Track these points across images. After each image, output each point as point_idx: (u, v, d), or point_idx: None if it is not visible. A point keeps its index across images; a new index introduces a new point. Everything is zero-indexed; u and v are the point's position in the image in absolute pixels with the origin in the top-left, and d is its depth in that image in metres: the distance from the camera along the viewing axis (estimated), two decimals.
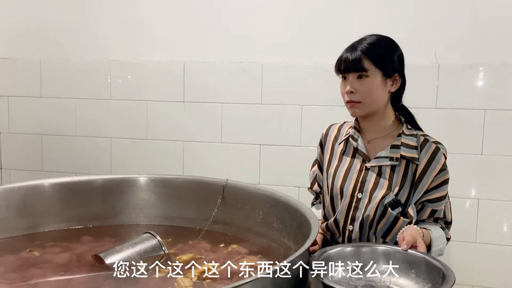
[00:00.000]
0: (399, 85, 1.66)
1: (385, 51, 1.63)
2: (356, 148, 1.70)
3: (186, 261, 1.55)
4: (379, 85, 1.61)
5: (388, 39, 1.67)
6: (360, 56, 1.59)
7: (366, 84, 1.60)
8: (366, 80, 1.60)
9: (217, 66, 2.76)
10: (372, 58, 1.59)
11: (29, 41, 3.03)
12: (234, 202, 1.84)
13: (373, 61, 1.59)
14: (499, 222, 2.49)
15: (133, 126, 2.92)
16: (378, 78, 1.60)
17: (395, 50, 1.65)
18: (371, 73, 1.59)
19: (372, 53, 1.60)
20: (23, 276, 1.49)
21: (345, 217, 1.68)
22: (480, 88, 2.45)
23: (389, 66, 1.61)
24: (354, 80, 1.61)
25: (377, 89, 1.61)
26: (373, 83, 1.60)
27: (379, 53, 1.61)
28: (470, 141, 2.46)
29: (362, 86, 1.60)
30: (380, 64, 1.60)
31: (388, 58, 1.62)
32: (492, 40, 2.42)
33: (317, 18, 2.62)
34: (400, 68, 1.65)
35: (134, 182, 1.96)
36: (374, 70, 1.59)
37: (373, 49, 1.60)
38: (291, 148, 2.71)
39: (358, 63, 1.59)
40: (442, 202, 1.66)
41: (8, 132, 3.11)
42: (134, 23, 2.88)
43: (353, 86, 1.61)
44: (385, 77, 1.61)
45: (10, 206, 1.77)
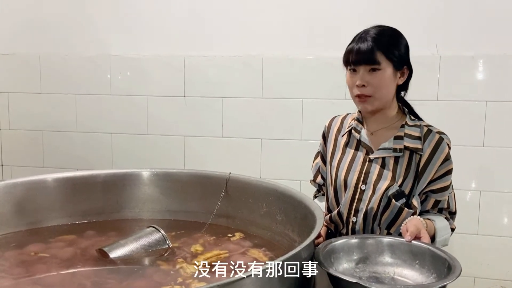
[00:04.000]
0: (406, 77, 1.65)
1: (394, 42, 1.60)
2: (359, 140, 1.70)
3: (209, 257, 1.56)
4: (389, 78, 1.59)
5: (393, 29, 1.65)
6: (372, 48, 1.55)
7: (378, 77, 1.57)
8: (378, 73, 1.57)
9: (217, 60, 2.75)
10: (384, 50, 1.56)
11: (28, 37, 3.01)
12: (237, 195, 1.84)
13: (384, 53, 1.56)
14: (501, 213, 2.50)
15: (133, 121, 2.92)
16: (389, 71, 1.58)
17: (402, 41, 1.63)
18: (383, 66, 1.57)
19: (384, 45, 1.57)
20: (28, 271, 1.49)
21: (349, 209, 1.68)
22: (481, 79, 2.45)
23: (399, 58, 1.59)
24: (365, 73, 1.58)
25: (388, 82, 1.59)
26: (384, 76, 1.57)
27: (390, 45, 1.58)
28: (472, 133, 2.46)
29: (374, 80, 1.57)
30: (391, 56, 1.57)
31: (398, 49, 1.60)
32: (494, 31, 2.42)
33: (318, 10, 2.61)
34: (407, 59, 1.64)
35: (137, 177, 1.96)
36: (386, 62, 1.57)
37: (384, 41, 1.58)
38: (292, 142, 2.71)
39: (371, 55, 1.55)
40: (446, 192, 1.66)
41: (8, 128, 3.11)
42: (133, 18, 2.86)
43: (365, 79, 1.58)
44: (395, 69, 1.60)
45: (13, 201, 1.77)
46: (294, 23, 2.65)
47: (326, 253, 1.32)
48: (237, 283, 1.01)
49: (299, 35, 2.65)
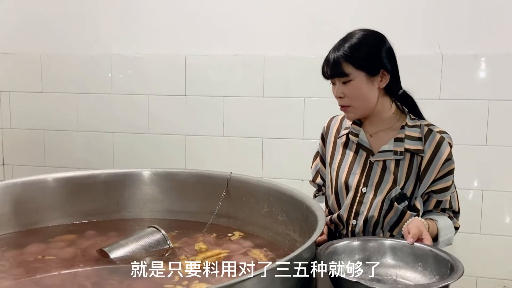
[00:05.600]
0: (389, 79, 1.60)
1: (366, 51, 1.56)
2: (358, 143, 1.68)
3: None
4: (364, 86, 1.57)
5: (372, 36, 1.60)
6: (339, 62, 1.55)
7: (351, 87, 1.56)
8: (351, 84, 1.56)
9: (219, 59, 2.74)
10: (353, 61, 1.54)
11: (29, 36, 3.01)
12: (238, 195, 1.83)
13: (354, 64, 1.54)
14: (503, 213, 2.48)
15: (135, 120, 2.91)
16: (362, 79, 1.56)
17: (379, 47, 1.59)
18: (354, 76, 1.55)
19: (351, 57, 1.54)
20: (28, 271, 1.49)
21: (349, 211, 1.67)
22: (484, 78, 2.43)
23: (372, 65, 1.56)
24: (340, 85, 1.58)
25: (364, 91, 1.57)
26: (358, 86, 1.56)
27: (360, 55, 1.55)
28: (474, 132, 2.45)
29: (348, 90, 1.57)
30: (361, 66, 1.55)
31: (371, 57, 1.57)
32: (496, 29, 2.40)
33: (319, 9, 2.60)
34: (387, 62, 1.59)
35: (138, 176, 1.96)
36: (356, 72, 1.55)
37: (352, 52, 1.55)
38: (293, 141, 2.70)
39: (338, 68, 1.55)
40: (447, 192, 1.64)
41: (9, 127, 3.10)
42: (134, 17, 2.86)
43: (340, 91, 1.58)
44: (370, 76, 1.57)
45: (13, 201, 1.76)
46: (295, 22, 2.64)
47: (328, 254, 1.31)
48: (240, 284, 1.01)
49: (301, 34, 2.64)
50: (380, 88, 1.60)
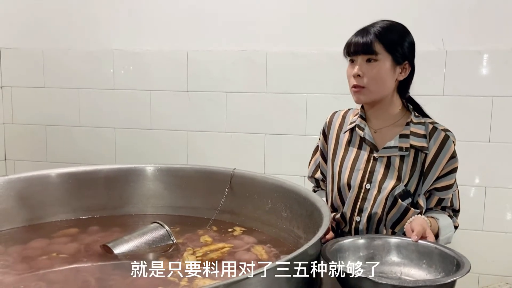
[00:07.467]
0: (408, 74, 1.61)
1: (397, 36, 1.58)
2: (363, 138, 1.67)
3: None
4: (387, 71, 1.56)
5: (400, 25, 1.62)
6: (371, 39, 1.54)
7: (375, 68, 1.55)
8: (375, 64, 1.55)
9: (221, 54, 2.74)
10: (384, 42, 1.54)
11: (31, 31, 3.00)
12: (242, 191, 1.83)
13: (384, 45, 1.54)
14: (506, 210, 2.48)
15: (137, 116, 2.90)
16: (387, 64, 1.56)
17: (407, 37, 1.60)
18: (381, 57, 1.55)
19: (384, 37, 1.55)
20: (31, 266, 1.48)
21: (352, 208, 1.66)
22: (487, 74, 2.42)
23: (400, 52, 1.57)
24: (362, 64, 1.56)
25: (385, 75, 1.56)
26: (381, 68, 1.55)
27: (392, 38, 1.56)
28: (478, 128, 2.45)
29: (370, 70, 1.55)
30: (391, 49, 1.55)
31: (400, 44, 1.57)
32: (500, 26, 2.39)
33: (322, 5, 2.59)
34: (410, 56, 1.61)
35: (141, 172, 1.95)
36: (385, 54, 1.55)
37: (385, 33, 1.56)
38: (296, 137, 2.69)
39: (369, 45, 1.54)
40: (450, 190, 1.64)
41: (11, 123, 3.10)
42: (136, 12, 2.85)
43: (361, 70, 1.56)
44: (395, 63, 1.57)
45: (16, 196, 1.76)
46: (298, 18, 2.63)
47: (333, 251, 1.31)
48: (244, 282, 1.00)
49: (303, 29, 2.63)
50: (397, 80, 1.60)
